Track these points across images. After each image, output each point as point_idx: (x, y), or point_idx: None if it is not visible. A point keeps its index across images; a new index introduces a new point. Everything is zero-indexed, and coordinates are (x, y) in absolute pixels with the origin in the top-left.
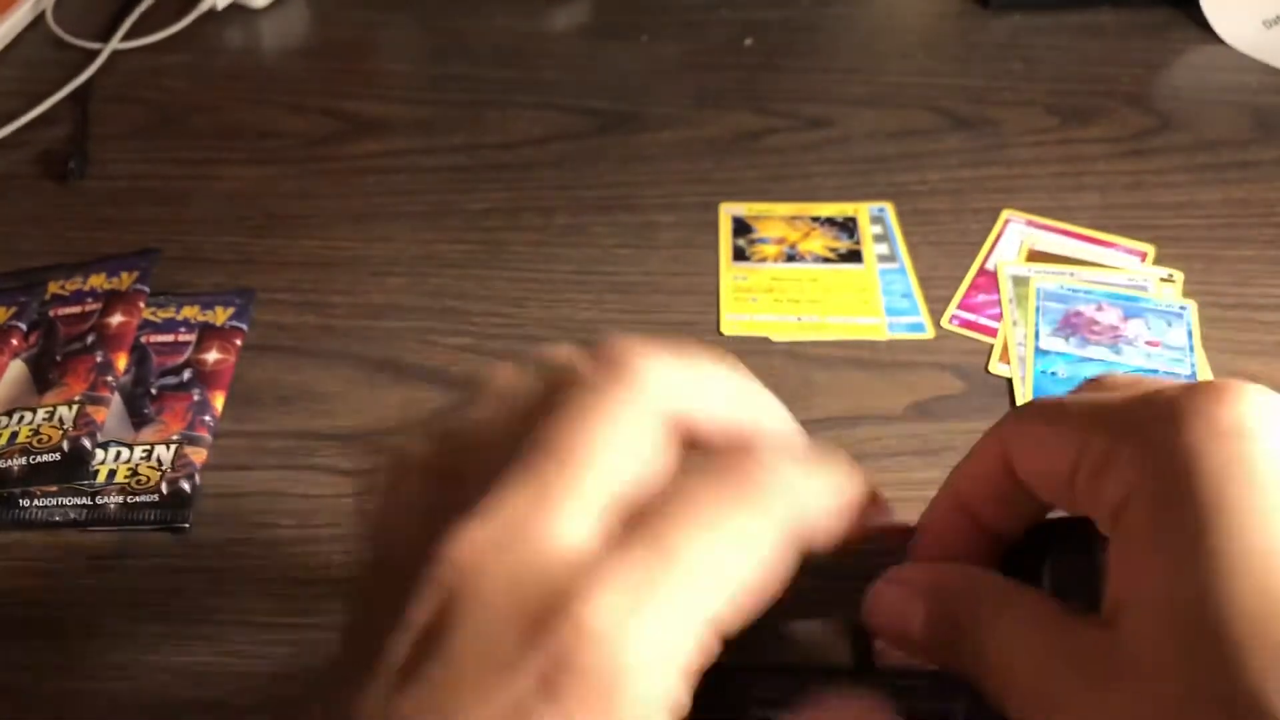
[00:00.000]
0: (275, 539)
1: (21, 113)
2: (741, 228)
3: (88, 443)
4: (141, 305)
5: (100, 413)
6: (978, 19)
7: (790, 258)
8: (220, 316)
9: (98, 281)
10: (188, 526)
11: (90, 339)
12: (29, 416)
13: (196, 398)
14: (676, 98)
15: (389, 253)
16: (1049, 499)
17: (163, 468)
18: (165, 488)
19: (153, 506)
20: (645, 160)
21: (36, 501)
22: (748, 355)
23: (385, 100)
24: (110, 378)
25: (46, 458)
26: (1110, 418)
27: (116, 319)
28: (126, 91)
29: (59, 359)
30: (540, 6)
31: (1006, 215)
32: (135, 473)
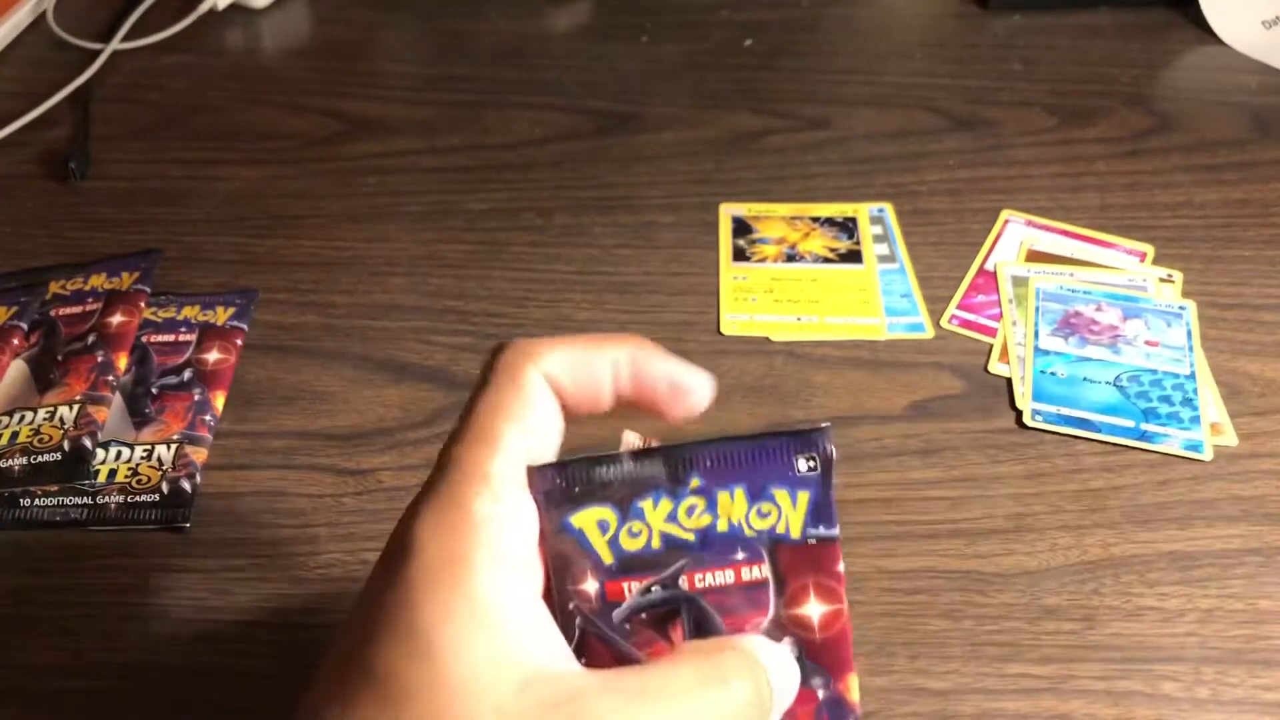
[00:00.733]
0: (275, 539)
1: (22, 113)
2: (741, 228)
3: (88, 442)
4: (142, 305)
5: (101, 412)
6: (977, 19)
7: (790, 258)
8: (221, 316)
9: (99, 281)
10: (188, 526)
11: (91, 339)
12: (30, 416)
13: (197, 397)
14: (676, 98)
15: (389, 253)
16: None
17: (163, 467)
18: (165, 487)
19: (153, 506)
20: (645, 160)
21: (37, 501)
22: (748, 355)
23: (385, 100)
24: (111, 377)
25: (47, 457)
26: None
27: (117, 319)
28: (127, 91)
29: (60, 359)
30: (540, 6)
31: (1006, 215)
32: (136, 472)
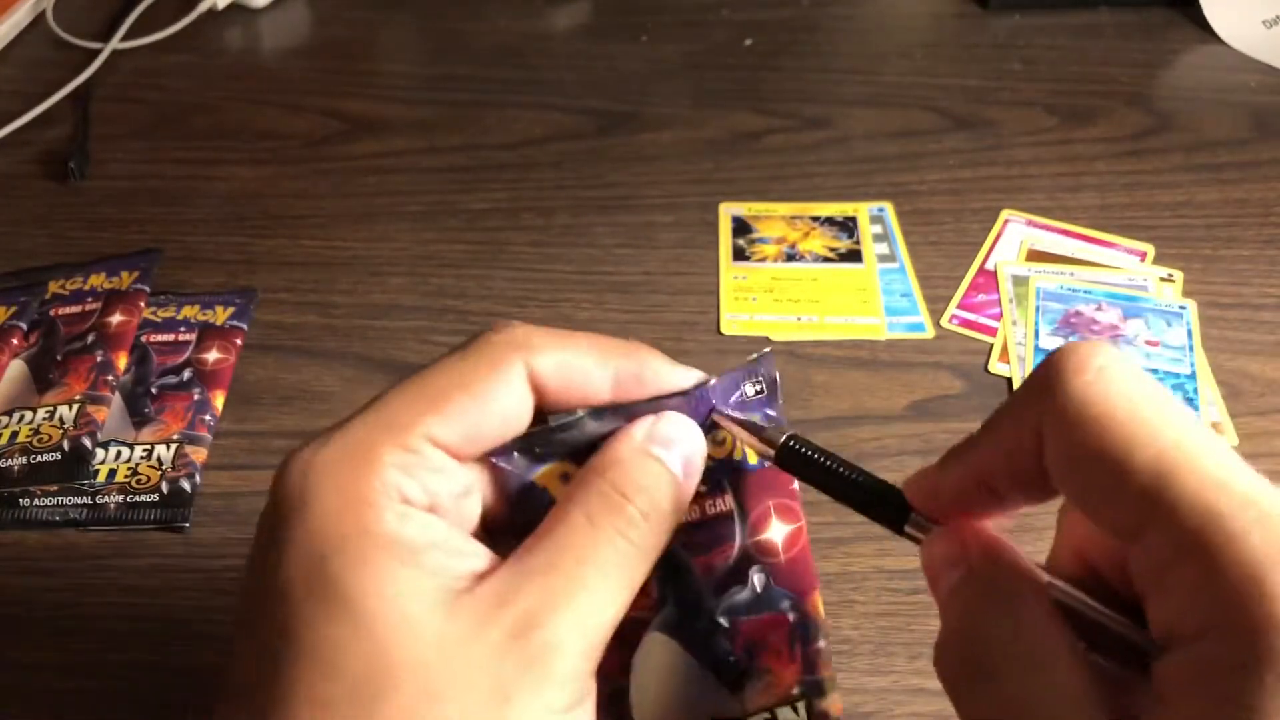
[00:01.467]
0: None
1: (22, 113)
2: (741, 227)
3: (88, 442)
4: (142, 305)
5: (100, 412)
6: (977, 19)
7: (790, 257)
8: (220, 316)
9: (98, 281)
10: (188, 526)
11: (91, 338)
12: (29, 416)
13: (197, 397)
14: (676, 98)
15: (389, 253)
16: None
17: (163, 467)
18: (165, 487)
19: (153, 506)
20: (645, 160)
21: (37, 501)
22: (747, 355)
23: (385, 100)
24: (110, 377)
25: (47, 457)
26: (1175, 515)
27: (117, 318)
28: (127, 91)
29: (59, 358)
30: (540, 6)
31: (1006, 215)
32: (135, 472)
